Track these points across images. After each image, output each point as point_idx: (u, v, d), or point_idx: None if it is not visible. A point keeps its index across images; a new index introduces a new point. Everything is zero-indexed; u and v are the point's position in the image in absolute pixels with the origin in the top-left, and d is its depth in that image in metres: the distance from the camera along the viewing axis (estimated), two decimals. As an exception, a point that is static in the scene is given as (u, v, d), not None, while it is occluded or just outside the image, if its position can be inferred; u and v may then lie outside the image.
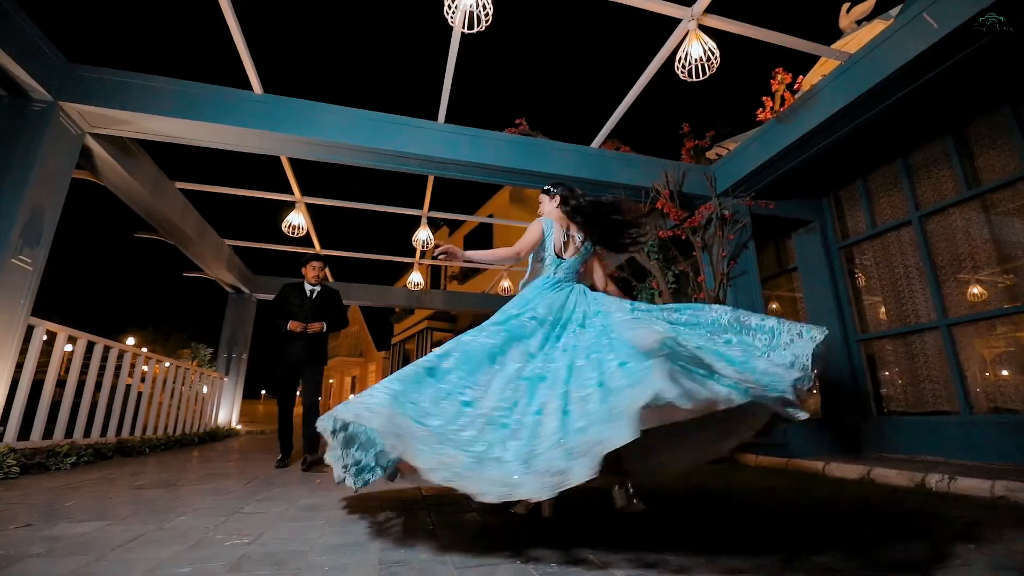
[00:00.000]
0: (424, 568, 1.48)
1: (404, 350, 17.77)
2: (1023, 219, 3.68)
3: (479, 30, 2.81)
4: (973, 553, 1.59)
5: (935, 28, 3.01)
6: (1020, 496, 2.43)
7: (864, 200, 4.83)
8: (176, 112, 3.75)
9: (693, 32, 3.22)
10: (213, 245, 6.72)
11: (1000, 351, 3.90)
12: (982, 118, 3.92)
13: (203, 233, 6.36)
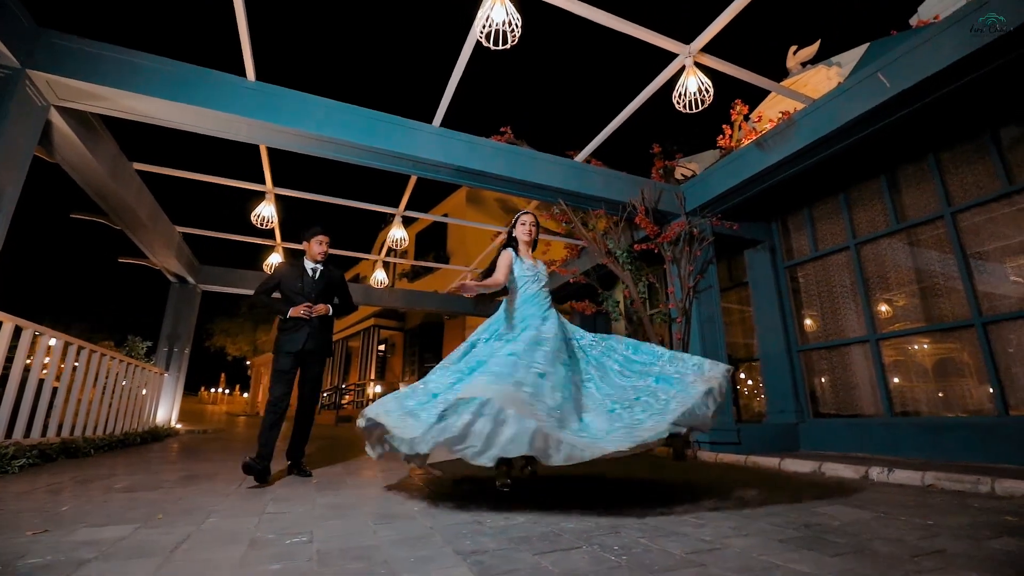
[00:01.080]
0: (505, 555, 1.60)
1: (347, 348, 17.23)
2: (939, 251, 4.34)
3: (505, 48, 2.94)
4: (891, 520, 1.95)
5: (887, 87, 3.51)
6: (944, 484, 2.93)
7: (809, 226, 5.43)
8: (161, 92, 3.54)
9: (690, 68, 3.53)
10: (164, 231, 6.28)
11: (914, 362, 4.57)
12: (910, 163, 4.58)
13: (156, 218, 5.93)
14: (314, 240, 3.52)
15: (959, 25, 3.16)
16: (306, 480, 3.26)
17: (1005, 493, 2.66)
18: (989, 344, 3.88)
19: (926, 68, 3.31)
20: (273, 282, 3.48)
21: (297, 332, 3.35)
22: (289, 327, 3.36)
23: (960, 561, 1.55)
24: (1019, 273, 3.90)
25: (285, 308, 3.35)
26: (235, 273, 8.25)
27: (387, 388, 14.39)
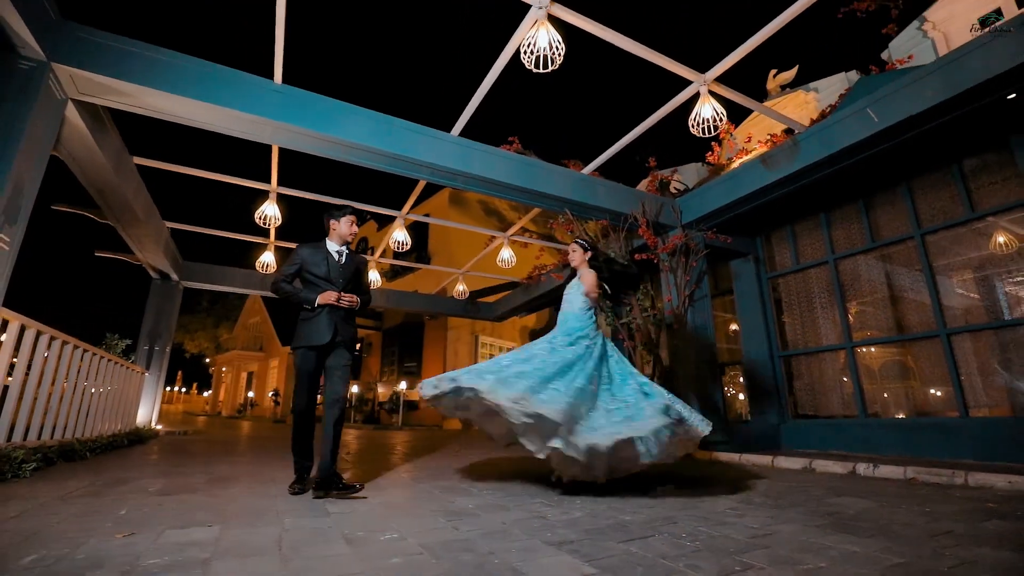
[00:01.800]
0: (593, 543, 1.79)
1: (319, 346, 16.84)
2: (908, 268, 4.82)
3: (549, 71, 3.11)
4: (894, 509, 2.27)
5: (876, 121, 3.91)
6: (924, 477, 3.31)
7: (791, 241, 5.87)
8: (187, 91, 3.53)
9: (704, 96, 3.81)
10: (156, 227, 6.10)
11: (886, 368, 5.04)
12: (886, 189, 5.04)
13: (150, 214, 5.77)
14: (345, 220, 3.11)
15: (939, 73, 3.57)
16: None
17: (977, 484, 3.06)
18: (952, 353, 4.36)
19: (910, 108, 3.71)
20: (295, 267, 3.01)
21: (322, 322, 2.92)
22: (311, 317, 2.93)
23: (968, 539, 1.84)
24: (979, 290, 4.40)
25: (312, 296, 2.89)
26: (219, 270, 8.05)
27: (363, 388, 14.25)
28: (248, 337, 22.42)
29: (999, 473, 3.05)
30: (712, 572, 1.48)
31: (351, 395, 13.71)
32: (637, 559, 1.61)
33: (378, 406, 13.46)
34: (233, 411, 22.82)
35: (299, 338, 2.95)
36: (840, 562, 1.56)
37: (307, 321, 2.94)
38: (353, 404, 13.32)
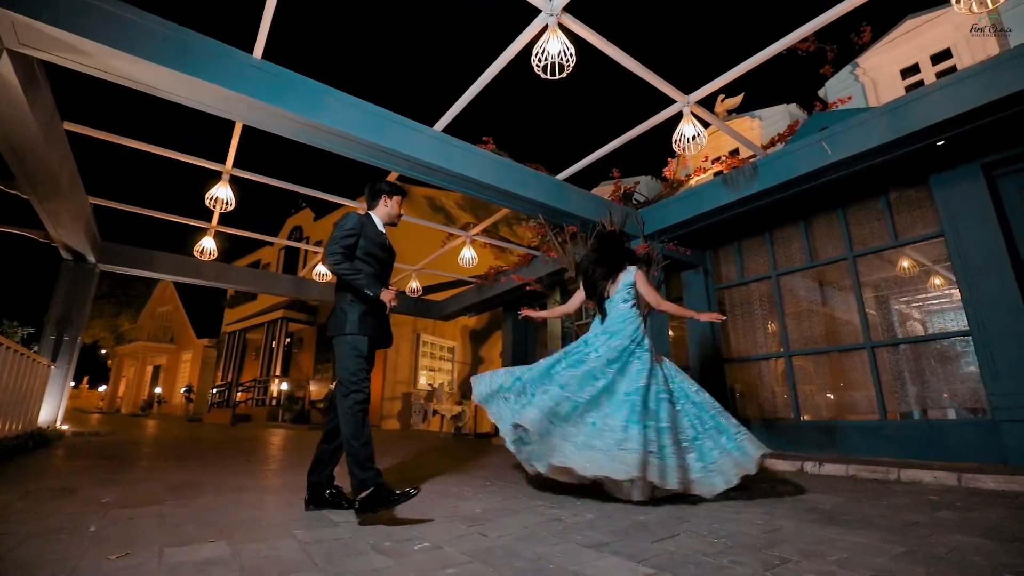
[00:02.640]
0: (625, 544, 1.84)
1: (244, 340, 15.71)
2: (841, 289, 5.38)
3: (559, 77, 3.15)
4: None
5: (829, 153, 4.34)
6: (864, 474, 3.73)
7: (737, 256, 6.34)
8: (157, 57, 3.17)
9: (687, 116, 4.03)
10: (78, 202, 5.40)
11: (818, 375, 5.60)
12: (823, 213, 5.60)
13: (75, 187, 5.11)
14: (395, 199, 2.87)
15: (887, 116, 4.04)
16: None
17: (908, 480, 3.49)
18: (875, 363, 4.93)
19: (859, 145, 4.16)
20: (352, 238, 2.61)
21: (386, 320, 2.72)
22: (374, 310, 2.61)
23: (938, 528, 2.11)
24: (899, 308, 5.01)
25: (376, 289, 2.53)
26: (146, 254, 7.27)
27: (293, 385, 13.47)
28: (156, 327, 20.41)
29: (921, 469, 3.50)
30: (757, 567, 1.59)
31: (280, 393, 12.92)
32: (683, 558, 1.68)
33: (309, 404, 12.78)
34: (135, 408, 20.59)
35: (363, 326, 2.55)
36: (859, 552, 1.74)
37: (370, 314, 2.61)
38: (281, 403, 12.56)
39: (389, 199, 2.87)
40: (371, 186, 2.91)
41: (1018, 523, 2.18)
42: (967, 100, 3.66)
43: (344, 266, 2.54)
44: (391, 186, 2.91)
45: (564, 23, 3.29)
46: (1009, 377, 4.05)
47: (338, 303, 2.66)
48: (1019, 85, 3.44)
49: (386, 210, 2.86)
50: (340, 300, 2.65)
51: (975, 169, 4.42)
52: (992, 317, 4.21)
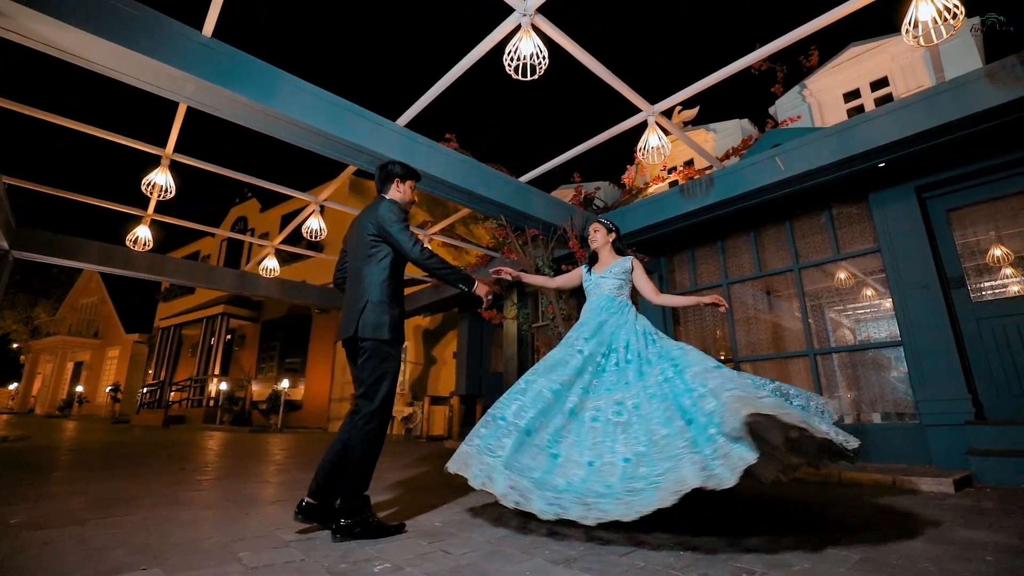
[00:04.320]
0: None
1: (180, 336, 14.68)
2: (787, 298, 5.65)
3: (531, 78, 3.10)
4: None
5: (783, 169, 4.53)
6: (807, 476, 3.90)
7: (691, 264, 6.53)
8: (91, 26, 2.88)
9: (652, 126, 4.09)
10: (-11, 182, 4.85)
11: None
12: (771, 225, 5.85)
13: (-15, 164, 4.57)
14: (408, 184, 2.65)
15: (836, 136, 4.26)
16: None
17: (849, 481, 3.68)
18: (817, 370, 5.20)
19: (810, 163, 4.37)
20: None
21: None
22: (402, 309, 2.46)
23: (888, 531, 2.21)
24: (838, 318, 5.31)
25: (470, 279, 2.45)
26: (70, 242, 6.63)
27: (233, 385, 12.74)
28: (79, 320, 18.78)
29: (859, 472, 3.71)
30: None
31: (219, 393, 12.18)
32: (654, 573, 1.67)
33: (250, 406, 12.13)
34: (52, 408, 18.82)
35: (399, 333, 2.35)
36: (820, 562, 1.78)
37: (403, 315, 2.42)
38: (220, 404, 11.85)
39: (402, 183, 2.62)
40: (382, 168, 2.64)
41: (953, 525, 2.33)
42: (908, 126, 3.91)
43: (434, 259, 2.36)
44: (405, 169, 2.66)
45: (537, 24, 3.25)
46: (934, 385, 4.36)
47: (370, 297, 2.29)
48: (955, 114, 3.71)
49: (399, 195, 2.58)
50: (374, 292, 2.31)
51: (909, 190, 4.74)
52: (920, 329, 4.52)
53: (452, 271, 2.41)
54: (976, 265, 4.67)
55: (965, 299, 4.59)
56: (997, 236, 4.62)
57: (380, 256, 2.39)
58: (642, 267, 3.11)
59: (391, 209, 2.43)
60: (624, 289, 3.05)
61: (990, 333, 4.43)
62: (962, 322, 4.55)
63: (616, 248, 3.18)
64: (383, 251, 2.39)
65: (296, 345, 12.48)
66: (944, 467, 4.10)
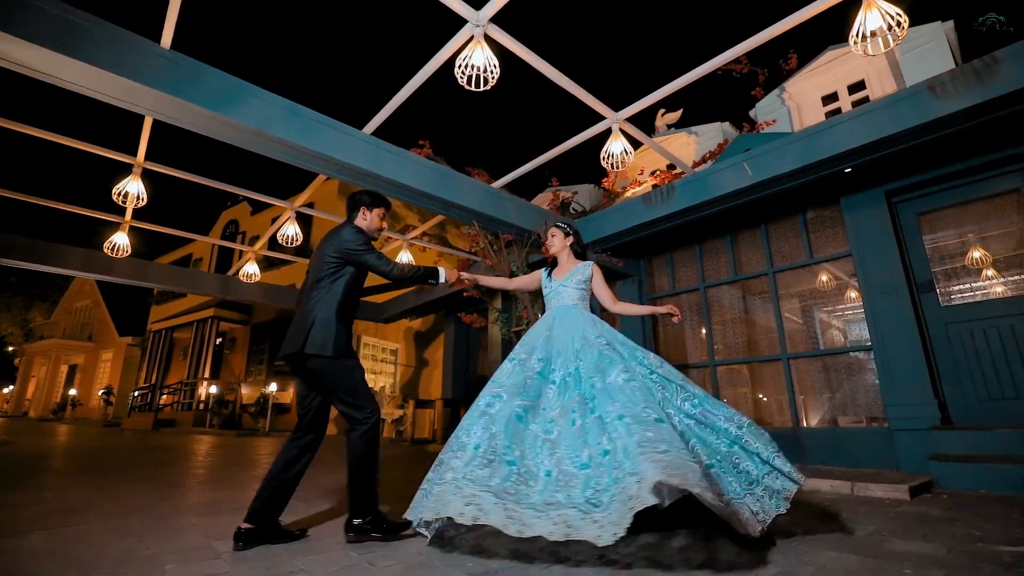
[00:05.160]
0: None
1: (171, 339, 14.72)
2: (763, 300, 5.65)
3: (483, 89, 3.11)
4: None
5: (750, 174, 4.54)
6: (770, 484, 3.92)
7: (669, 267, 6.54)
8: (50, 42, 2.89)
9: (616, 133, 4.10)
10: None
11: (741, 384, 5.86)
12: (747, 228, 5.87)
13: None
14: (376, 212, 2.74)
15: (801, 142, 4.27)
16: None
17: (809, 488, 3.69)
18: (791, 374, 5.21)
19: (776, 168, 4.38)
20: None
21: None
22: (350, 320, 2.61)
23: (820, 542, 2.23)
24: (812, 322, 5.32)
25: (435, 271, 2.63)
26: (50, 248, 6.65)
27: (223, 388, 12.77)
28: (73, 323, 18.85)
29: (821, 478, 3.73)
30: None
31: (208, 396, 12.21)
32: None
33: (240, 409, 12.17)
34: (47, 412, 18.90)
35: (346, 350, 2.40)
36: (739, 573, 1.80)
37: (351, 334, 2.53)
38: (210, 407, 11.88)
39: (369, 211, 2.72)
40: (351, 197, 2.78)
41: (891, 535, 2.34)
42: (870, 132, 3.92)
43: (400, 268, 2.51)
44: (372, 197, 2.75)
45: (492, 35, 3.26)
46: (901, 390, 4.37)
47: (316, 312, 2.35)
48: (915, 120, 3.72)
49: (365, 223, 2.69)
50: (319, 308, 2.37)
51: (879, 195, 4.75)
52: (890, 333, 4.53)
53: (420, 270, 2.57)
54: (946, 270, 4.68)
55: (934, 303, 4.60)
56: (966, 240, 4.63)
57: (336, 277, 2.47)
58: (601, 273, 3.07)
59: (355, 235, 2.51)
60: (586, 299, 3.03)
61: (958, 338, 4.44)
62: (931, 326, 4.56)
63: (575, 252, 3.13)
64: (340, 272, 2.48)
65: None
66: (912, 472, 4.11)
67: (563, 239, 3.09)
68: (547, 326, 2.84)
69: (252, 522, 2.16)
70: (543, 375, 2.60)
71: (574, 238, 3.11)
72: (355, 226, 2.62)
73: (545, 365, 2.63)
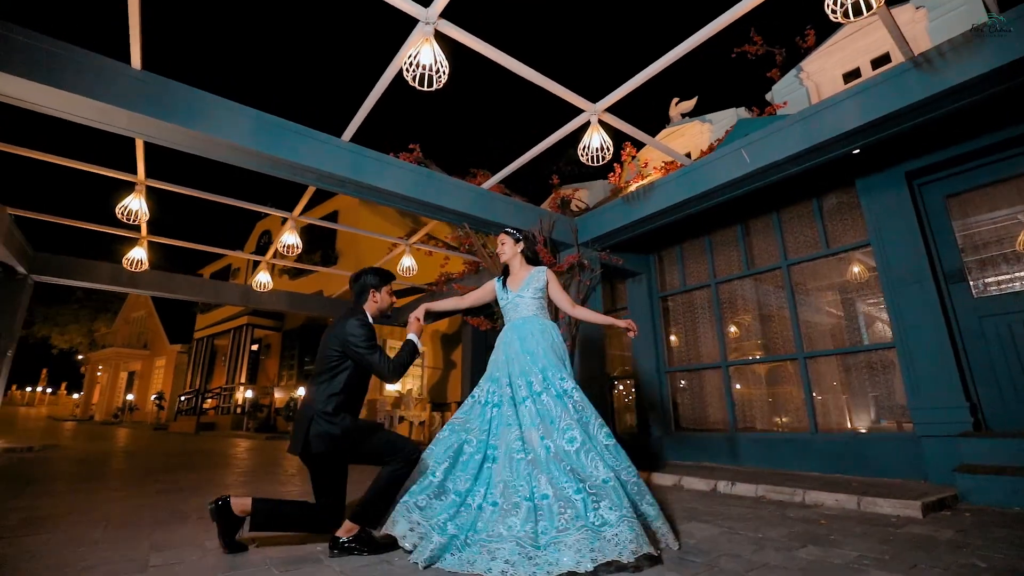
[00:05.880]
0: None
1: (212, 346, 15.49)
2: (777, 295, 5.27)
3: (432, 89, 3.02)
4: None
5: (748, 162, 4.22)
6: (772, 495, 3.61)
7: (679, 262, 6.22)
8: (21, 71, 3.01)
9: (594, 125, 3.90)
10: (-10, 214, 5.24)
11: (755, 385, 5.49)
12: (758, 216, 5.49)
13: (-19, 199, 4.94)
14: (384, 290, 2.73)
15: (800, 124, 3.92)
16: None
17: (812, 502, 3.38)
18: (808, 374, 4.82)
19: (775, 154, 4.04)
20: (374, 338, 2.63)
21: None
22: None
23: (778, 572, 1.99)
24: (830, 317, 4.91)
25: (412, 343, 2.64)
26: (82, 264, 7.10)
27: (258, 393, 13.29)
28: (130, 333, 20.17)
29: (824, 491, 3.39)
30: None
31: (244, 401, 12.73)
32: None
33: (275, 412, 12.61)
34: (108, 416, 20.36)
35: (346, 431, 2.45)
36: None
37: (356, 421, 2.55)
38: (246, 411, 12.37)
39: (378, 292, 2.69)
40: (355, 281, 2.74)
41: (873, 564, 2.07)
42: (876, 108, 3.55)
43: (396, 366, 2.51)
44: (378, 277, 2.73)
45: (446, 32, 3.16)
46: (927, 390, 3.95)
47: (317, 409, 2.39)
48: (924, 93, 3.33)
49: (376, 305, 2.69)
50: (319, 402, 2.41)
51: (898, 176, 4.32)
52: (914, 330, 4.11)
53: (406, 355, 2.57)
54: (980, 258, 4.19)
55: (966, 295, 4.13)
56: (1004, 224, 4.13)
57: (337, 372, 2.48)
58: (556, 278, 2.95)
59: (359, 331, 2.49)
60: (544, 308, 2.90)
61: (994, 332, 3.97)
62: (962, 320, 4.10)
63: (527, 258, 3.01)
64: (342, 367, 2.49)
65: (314, 352, 12.92)
66: (940, 483, 3.70)
67: (513, 246, 2.97)
68: (506, 343, 2.79)
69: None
70: (511, 401, 2.61)
71: (524, 244, 2.97)
72: (359, 319, 2.55)
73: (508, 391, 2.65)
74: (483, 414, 2.66)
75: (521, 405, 2.57)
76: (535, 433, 2.44)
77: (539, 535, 2.05)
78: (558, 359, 2.68)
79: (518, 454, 2.39)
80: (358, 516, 2.34)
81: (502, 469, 2.39)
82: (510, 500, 2.23)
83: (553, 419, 2.47)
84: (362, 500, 2.38)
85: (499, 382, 2.68)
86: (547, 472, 2.27)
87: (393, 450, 2.41)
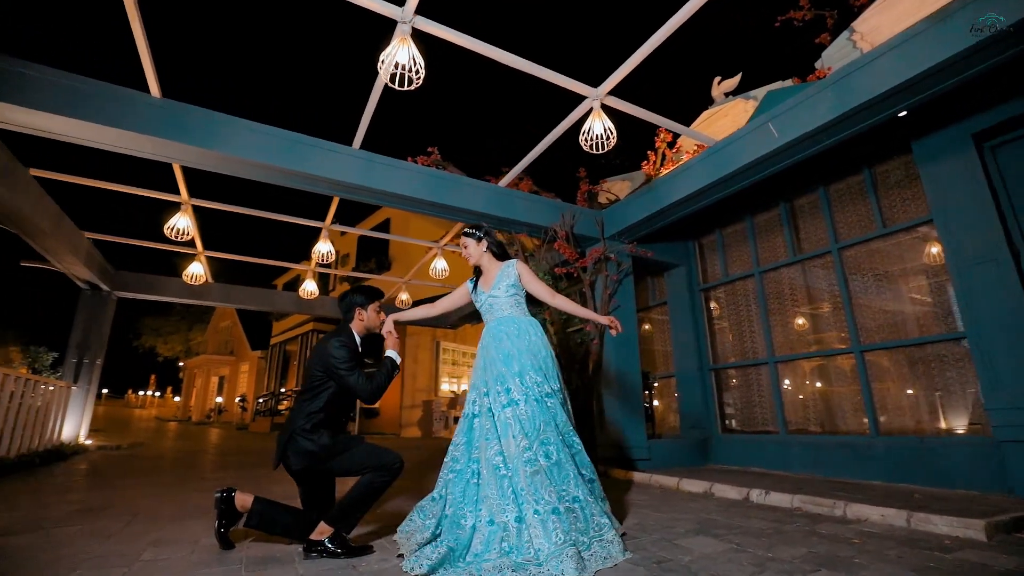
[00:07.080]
0: None
1: (285, 352, 16.62)
2: (828, 282, 4.74)
3: (409, 89, 2.98)
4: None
5: (776, 137, 3.81)
6: (807, 507, 3.22)
7: (720, 250, 5.78)
8: (55, 107, 3.35)
9: (596, 111, 3.69)
10: (70, 238, 5.90)
11: (806, 383, 4.97)
12: (803, 193, 4.97)
13: (59, 224, 5.57)
14: (371, 307, 2.73)
15: (832, 89, 3.48)
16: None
17: (853, 517, 2.97)
18: (865, 370, 4.28)
19: (806, 125, 3.62)
20: (356, 359, 2.61)
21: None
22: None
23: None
24: (890, 306, 4.33)
25: (390, 360, 2.64)
26: (157, 280, 7.86)
27: (326, 394, 14.03)
28: (219, 341, 22.15)
29: (871, 505, 2.96)
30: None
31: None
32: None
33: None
34: (203, 416, 22.53)
35: (325, 449, 2.47)
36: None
37: (334, 439, 2.53)
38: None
39: (364, 311, 2.71)
40: (342, 300, 2.76)
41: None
42: (917, 62, 3.06)
43: (375, 387, 2.52)
44: (363, 295, 2.73)
45: (429, 31, 3.12)
46: (1008, 389, 3.36)
47: (296, 426, 2.42)
48: (973, 38, 2.82)
49: (363, 324, 2.70)
50: (299, 419, 2.43)
51: (963, 138, 3.73)
52: (989, 316, 3.52)
53: (384, 375, 2.56)
54: (1075, 227, 3.51)
55: (1055, 273, 3.47)
56: (1105, 185, 3.43)
57: (319, 391, 2.52)
58: (528, 268, 2.75)
59: (340, 352, 2.51)
60: (521, 304, 2.75)
61: (1094, 317, 3.30)
62: (1051, 304, 3.45)
63: (495, 254, 2.80)
64: (324, 386, 2.52)
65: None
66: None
67: (476, 245, 2.79)
68: (483, 347, 2.66)
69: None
70: (489, 412, 2.47)
71: (488, 240, 2.80)
72: (341, 340, 2.57)
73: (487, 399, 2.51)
74: (469, 427, 2.55)
75: (500, 414, 2.43)
76: (514, 446, 2.31)
77: (526, 555, 2.06)
78: (537, 360, 2.53)
79: (500, 470, 2.30)
80: (333, 519, 2.35)
81: (486, 486, 2.31)
82: (498, 520, 2.19)
83: (529, 431, 2.33)
84: (339, 504, 2.40)
85: (478, 390, 2.57)
86: (531, 490, 2.16)
87: (375, 462, 2.42)
